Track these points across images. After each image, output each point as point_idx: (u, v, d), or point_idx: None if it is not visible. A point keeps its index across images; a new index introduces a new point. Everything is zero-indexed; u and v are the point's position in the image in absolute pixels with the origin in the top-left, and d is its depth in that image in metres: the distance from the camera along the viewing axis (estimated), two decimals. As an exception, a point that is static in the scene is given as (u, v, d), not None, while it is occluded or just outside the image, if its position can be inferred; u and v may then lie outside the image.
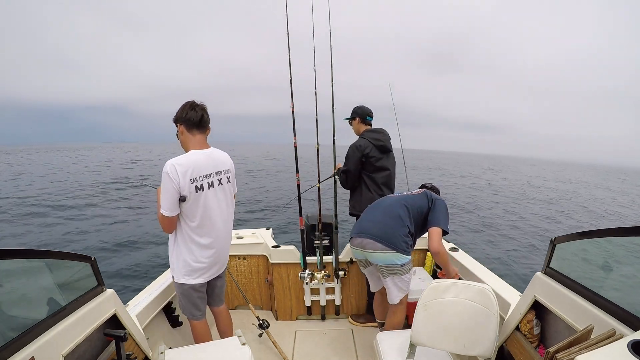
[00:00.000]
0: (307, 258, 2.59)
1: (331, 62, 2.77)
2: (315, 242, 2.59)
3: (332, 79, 2.72)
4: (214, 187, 1.70)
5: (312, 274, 2.51)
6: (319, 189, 2.60)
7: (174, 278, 1.78)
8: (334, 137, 2.58)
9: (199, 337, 1.86)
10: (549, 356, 1.07)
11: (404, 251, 1.84)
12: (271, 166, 29.03)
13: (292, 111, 2.44)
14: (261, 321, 2.27)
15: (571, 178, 36.69)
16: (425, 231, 1.98)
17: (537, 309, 1.49)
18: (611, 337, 1.03)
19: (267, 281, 2.77)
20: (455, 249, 2.61)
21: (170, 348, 1.67)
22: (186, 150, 1.70)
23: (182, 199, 1.59)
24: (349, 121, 2.68)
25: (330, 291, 2.70)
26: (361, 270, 2.17)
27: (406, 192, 2.16)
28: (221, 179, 1.75)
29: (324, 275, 2.53)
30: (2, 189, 13.86)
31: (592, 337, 1.09)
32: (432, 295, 1.46)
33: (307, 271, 2.51)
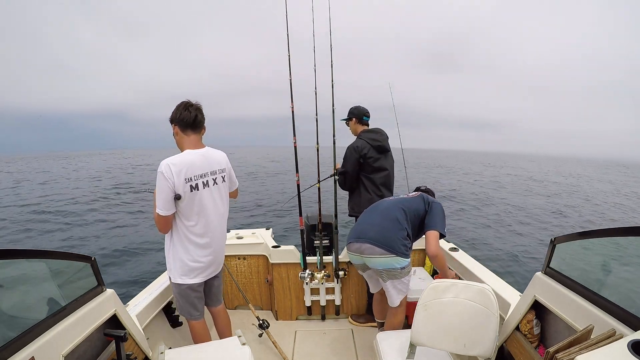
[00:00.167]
0: (307, 258, 2.59)
1: (331, 62, 2.77)
2: (315, 242, 2.59)
3: (332, 79, 2.72)
4: (209, 186, 1.71)
5: (312, 274, 2.51)
6: (319, 189, 2.60)
7: (170, 279, 1.78)
8: (334, 137, 2.58)
9: (198, 338, 1.86)
10: (549, 356, 1.07)
11: (403, 254, 1.83)
12: (271, 168, 29.06)
13: (292, 111, 2.44)
14: (261, 321, 2.27)
15: (572, 172, 36.72)
16: (422, 234, 1.97)
17: (537, 309, 1.49)
18: (611, 337, 1.03)
19: (267, 281, 2.76)
20: (455, 249, 2.61)
21: (170, 348, 1.67)
22: (181, 150, 1.71)
23: (177, 197, 1.60)
24: (345, 122, 2.68)
25: (330, 291, 2.69)
26: (360, 273, 2.17)
27: (402, 195, 2.16)
28: (216, 178, 1.76)
29: (324, 275, 2.53)
30: (3, 198, 13.87)
31: (592, 337, 1.09)
32: (432, 295, 1.46)
33: (307, 271, 2.51)
